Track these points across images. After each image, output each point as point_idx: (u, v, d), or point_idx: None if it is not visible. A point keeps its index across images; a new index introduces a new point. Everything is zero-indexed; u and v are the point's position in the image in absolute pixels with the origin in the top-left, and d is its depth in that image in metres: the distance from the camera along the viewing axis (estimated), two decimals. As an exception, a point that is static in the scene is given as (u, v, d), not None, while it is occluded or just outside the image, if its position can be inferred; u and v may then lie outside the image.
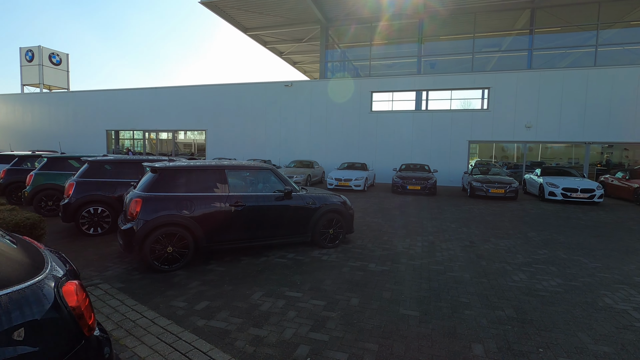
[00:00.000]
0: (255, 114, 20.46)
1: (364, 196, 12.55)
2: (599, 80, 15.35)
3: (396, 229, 7.15)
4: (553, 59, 17.49)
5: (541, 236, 6.83)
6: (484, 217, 8.76)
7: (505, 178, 12.95)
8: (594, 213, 9.92)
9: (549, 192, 12.05)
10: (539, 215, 9.38)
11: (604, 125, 15.40)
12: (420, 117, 17.86)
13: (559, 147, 17.13)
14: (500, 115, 16.70)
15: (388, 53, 20.81)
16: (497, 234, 6.90)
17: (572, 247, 6.12)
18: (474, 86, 17.12)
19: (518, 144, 17.06)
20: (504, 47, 18.67)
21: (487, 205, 10.94)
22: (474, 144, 18.89)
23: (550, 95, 16.01)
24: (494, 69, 18.80)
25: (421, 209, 10.00)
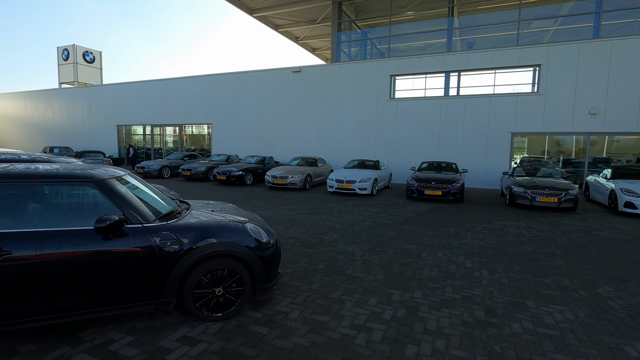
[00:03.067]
0: (262, 105, 18.35)
1: (367, 203, 9.90)
2: (699, 48, 11.30)
3: (370, 270, 4.56)
4: (631, 28, 13.44)
5: (626, 295, 3.91)
6: (523, 246, 5.83)
7: (560, 182, 9.65)
8: (703, 239, 6.54)
9: (626, 203, 8.64)
10: (612, 242, 6.24)
11: None
12: (450, 105, 14.67)
13: (628, 139, 13.13)
14: (555, 100, 13.08)
15: (413, 29, 17.64)
16: (539, 288, 4.08)
17: (695, 332, 3.18)
18: (521, 64, 13.60)
19: (578, 135, 13.32)
20: (562, 12, 14.79)
21: (532, 221, 7.86)
22: (520, 137, 15.33)
23: (625, 73, 12.16)
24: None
25: (432, 227, 7.21)
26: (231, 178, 13.43)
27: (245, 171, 13.68)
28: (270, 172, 12.82)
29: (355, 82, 16.26)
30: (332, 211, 8.58)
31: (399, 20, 17.38)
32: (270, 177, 12.64)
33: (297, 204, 9.49)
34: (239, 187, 13.14)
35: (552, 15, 14.65)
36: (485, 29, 15.87)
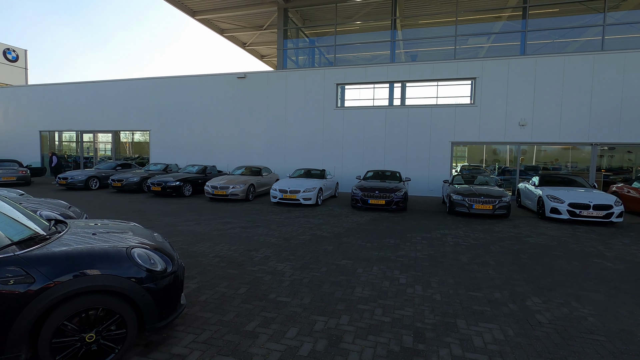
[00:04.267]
0: (205, 112, 17.39)
1: (310, 214, 9.52)
2: (608, 67, 12.54)
3: (297, 292, 4.12)
4: (551, 47, 14.68)
5: (552, 306, 3.85)
6: (458, 257, 5.75)
7: (494, 189, 10.01)
8: (618, 242, 6.99)
9: (552, 209, 9.13)
10: (541, 248, 6.41)
11: (614, 124, 12.58)
12: (394, 114, 14.92)
13: (553, 149, 14.25)
14: (489, 112, 13.81)
15: (359, 40, 17.87)
16: (471, 303, 3.90)
17: (627, 350, 3.13)
18: (458, 76, 14.22)
19: (511, 145, 14.16)
20: (494, 30, 15.83)
21: (469, 229, 7.96)
22: (460, 146, 16.00)
23: (548, 87, 13.16)
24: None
25: (372, 238, 6.97)
26: (167, 189, 12.38)
27: (183, 181, 12.71)
28: (210, 183, 12.00)
29: (302, 90, 16.00)
30: (271, 224, 8.06)
31: (345, 30, 17.53)
32: (210, 187, 11.83)
33: (235, 217, 8.84)
34: (176, 198, 12.14)
35: (485, 32, 15.60)
36: (427, 42, 16.50)
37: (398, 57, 16.29)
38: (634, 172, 14.40)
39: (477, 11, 15.39)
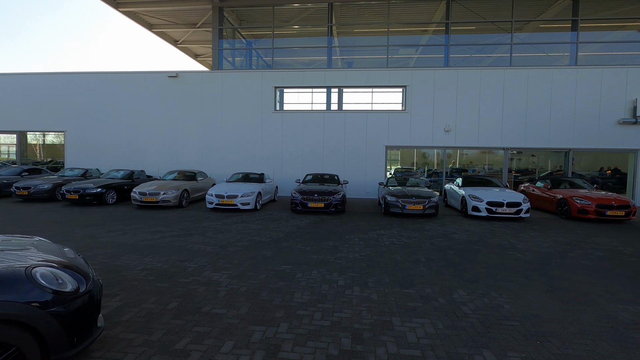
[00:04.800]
0: (132, 112, 16.03)
1: (249, 219, 9.25)
2: (515, 81, 14.23)
3: (234, 302, 3.95)
4: (470, 61, 16.24)
5: (475, 297, 4.19)
6: (393, 256, 6.02)
7: (424, 190, 10.72)
8: (526, 235, 7.90)
9: (473, 207, 10.04)
10: (465, 244, 6.98)
11: (521, 130, 14.30)
12: (332, 118, 15.24)
13: (473, 152, 15.81)
14: (419, 118, 14.80)
15: (297, 44, 17.97)
16: (405, 300, 4.08)
17: (536, 332, 3.49)
18: (390, 84, 15.03)
19: (438, 149, 15.33)
20: (422, 42, 17.05)
21: (403, 229, 8.40)
22: (393, 150, 16.88)
23: (468, 97, 14.52)
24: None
25: (312, 242, 6.99)
26: (87, 197, 11.13)
27: (106, 188, 11.54)
28: (138, 189, 11.07)
29: (239, 92, 15.58)
30: (207, 231, 7.66)
31: (283, 34, 17.50)
32: (138, 194, 10.90)
33: (166, 225, 8.24)
34: (98, 207, 10.96)
35: (413, 44, 16.72)
36: (362, 50, 17.17)
37: (335, 63, 16.70)
38: (537, 173, 16.51)
39: (406, 24, 16.43)
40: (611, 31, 14.93)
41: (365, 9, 15.94)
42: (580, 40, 14.35)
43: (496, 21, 14.98)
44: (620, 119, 13.62)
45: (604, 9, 14.39)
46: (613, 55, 14.85)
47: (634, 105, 13.51)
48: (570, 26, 14.47)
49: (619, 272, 5.33)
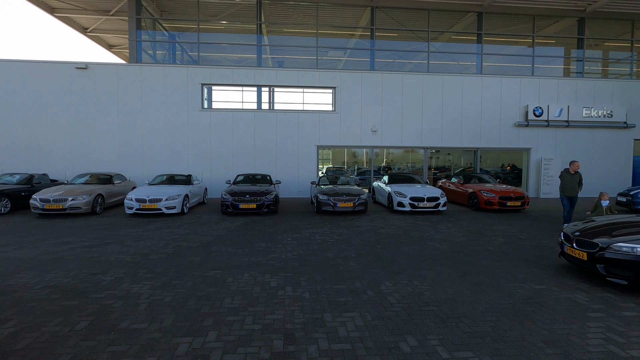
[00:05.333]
0: (31, 107, 13.92)
1: (175, 224, 8.68)
2: (432, 86, 15.54)
3: (157, 315, 3.67)
4: (393, 66, 17.31)
5: (400, 287, 4.47)
6: (325, 253, 6.15)
7: (354, 188, 11.16)
8: (444, 226, 8.69)
9: (398, 203, 10.73)
10: (391, 238, 7.42)
11: (437, 131, 15.66)
12: (263, 118, 15.03)
13: (398, 151, 16.97)
14: (348, 118, 15.34)
15: (225, 40, 17.35)
16: (336, 296, 4.19)
17: (452, 314, 3.82)
18: (320, 85, 15.33)
19: (366, 148, 16.08)
20: (349, 46, 17.68)
21: (334, 226, 8.63)
22: (325, 149, 17.26)
23: (392, 99, 15.47)
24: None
25: (244, 244, 6.81)
26: (-31, 206, 9.39)
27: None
28: (40, 195, 9.68)
29: (162, 88, 14.51)
30: (126, 239, 7.00)
31: (209, 29, 16.73)
32: (39, 201, 9.53)
33: (77, 235, 7.32)
34: (-16, 218, 9.31)
35: (342, 47, 17.26)
36: (292, 50, 17.19)
37: (265, 61, 16.48)
38: (452, 170, 18.29)
39: (334, 27, 16.89)
40: (507, 45, 17.14)
41: (295, 10, 16.01)
42: (484, 52, 16.22)
43: (415, 30, 16.18)
44: (516, 122, 15.72)
45: (501, 26, 16.46)
46: (510, 67, 17.07)
47: (525, 110, 15.70)
48: (476, 39, 16.27)
49: (517, 255, 6.15)
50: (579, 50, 16.46)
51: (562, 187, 8.63)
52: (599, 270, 4.51)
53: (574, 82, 15.99)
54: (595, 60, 16.94)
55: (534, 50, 16.21)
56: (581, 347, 3.07)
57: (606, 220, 5.28)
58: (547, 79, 15.91)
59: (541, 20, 16.13)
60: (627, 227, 4.76)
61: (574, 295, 4.28)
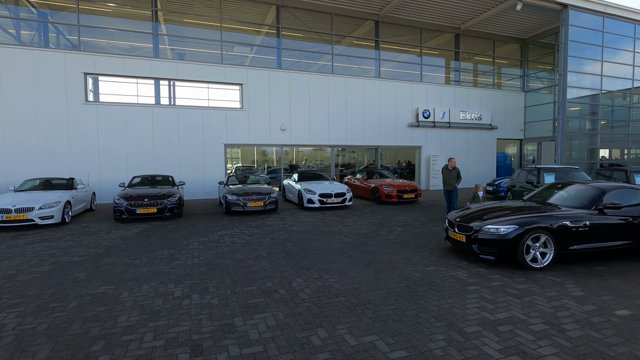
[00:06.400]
0: None
1: (53, 237, 7.38)
2: (337, 87, 16.31)
3: (27, 348, 3.08)
4: (300, 66, 17.62)
5: (310, 282, 4.58)
6: (235, 255, 5.96)
7: (264, 187, 11.05)
8: (350, 220, 9.22)
9: (308, 200, 10.99)
10: (301, 234, 7.56)
11: (342, 130, 16.51)
12: (163, 114, 13.80)
13: (307, 149, 17.43)
14: (256, 116, 15.10)
15: (113, 25, 15.37)
16: (247, 298, 4.10)
17: (358, 303, 4.04)
18: (226, 81, 14.75)
19: (275, 147, 16.07)
20: (256, 42, 17.38)
21: (244, 227, 8.42)
22: (233, 148, 16.69)
23: (300, 99, 15.76)
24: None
25: (142, 253, 6.17)
26: None
27: None
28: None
29: (31, 76, 12.18)
30: (-18, 259, 5.69)
31: (94, 11, 14.61)
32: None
33: None
34: None
35: (248, 43, 16.85)
36: (194, 43, 16.13)
37: (163, 52, 15.12)
38: (357, 167, 19.51)
39: (240, 22, 16.41)
40: (401, 53, 18.98)
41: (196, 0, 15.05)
42: (382, 58, 17.66)
43: (319, 32, 16.74)
44: (409, 123, 17.53)
45: (396, 35, 18.14)
46: (403, 73, 18.94)
47: (416, 112, 17.62)
48: (374, 45, 17.61)
49: (412, 242, 6.87)
50: (456, 62, 19.13)
51: (442, 182, 9.94)
52: (474, 249, 5.32)
53: (453, 89, 18.55)
54: (468, 71, 19.90)
55: (421, 60, 18.26)
56: (462, 316, 3.58)
57: (480, 207, 6.26)
58: (432, 85, 18.12)
59: (426, 33, 18.25)
60: (494, 212, 5.71)
61: (456, 273, 4.97)
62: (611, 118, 18.00)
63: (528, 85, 20.19)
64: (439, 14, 16.87)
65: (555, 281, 4.61)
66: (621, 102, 18.29)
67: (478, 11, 16.67)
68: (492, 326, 3.37)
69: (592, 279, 4.68)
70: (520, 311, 3.70)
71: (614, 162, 17.77)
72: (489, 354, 2.88)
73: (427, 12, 16.68)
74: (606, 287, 4.38)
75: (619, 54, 17.46)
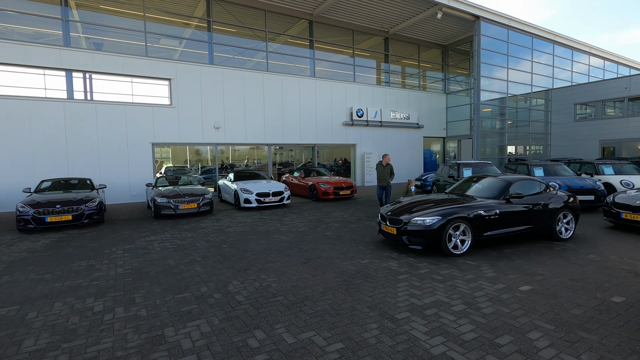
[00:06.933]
0: None
1: None
2: (273, 85, 16.15)
3: None
4: (234, 62, 17.08)
5: (248, 284, 4.49)
6: (166, 261, 5.60)
7: (198, 188, 10.53)
8: (288, 218, 9.22)
9: (245, 200, 10.74)
10: (238, 235, 7.37)
11: (279, 129, 16.44)
12: (78, 110, 12.37)
13: (244, 148, 17.06)
14: (187, 114, 14.30)
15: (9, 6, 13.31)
16: (179, 306, 3.88)
17: (296, 300, 4.05)
18: (153, 75, 13.71)
19: (210, 146, 15.40)
20: (185, 35, 16.40)
21: (176, 230, 7.94)
22: (163, 147, 15.62)
23: (234, 96, 15.30)
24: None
25: (54, 265, 5.49)
26: None
27: None
28: None
29: None
30: None
31: (-18, -13, 12.50)
32: None
33: None
34: None
35: (176, 36, 15.85)
36: (115, 33, 14.72)
37: (76, 41, 13.52)
38: (295, 165, 19.57)
39: (166, 12, 15.37)
40: (335, 54, 19.44)
41: (113, -16, 13.71)
42: (316, 57, 17.90)
43: (253, 28, 16.40)
44: (344, 121, 18.06)
45: (330, 36, 18.52)
46: (338, 73, 19.43)
47: (350, 111, 18.22)
48: (309, 45, 17.78)
49: (348, 237, 7.10)
50: (385, 64, 20.17)
51: (377, 178, 10.38)
52: (404, 240, 5.68)
53: (384, 90, 19.54)
54: (397, 73, 21.12)
55: (354, 61, 18.91)
56: (394, 305, 3.80)
57: (409, 200, 6.69)
58: (365, 85, 18.88)
59: (358, 35, 18.94)
60: (421, 205, 6.15)
61: (388, 264, 5.26)
62: (516, 119, 20.51)
63: (449, 87, 22.07)
64: (369, 17, 17.62)
65: (472, 265, 5.12)
66: (523, 105, 20.93)
67: (404, 17, 17.75)
68: (419, 311, 3.63)
69: (501, 261, 5.30)
70: (443, 295, 4.05)
71: (518, 157, 20.27)
72: (417, 337, 3.11)
73: (358, 14, 17.31)
74: (513, 267, 5.00)
75: (521, 62, 19.96)
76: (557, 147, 21.49)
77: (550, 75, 21.70)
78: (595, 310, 3.58)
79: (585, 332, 3.15)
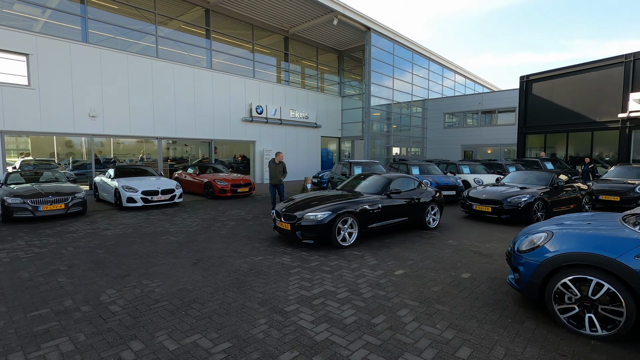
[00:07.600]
0: None
1: None
2: (164, 73, 14.80)
3: None
4: (116, 43, 14.99)
5: (126, 292, 4.03)
6: (17, 274, 4.64)
7: (66, 186, 9.00)
8: (179, 218, 8.61)
9: (128, 199, 9.62)
10: (118, 239, 6.56)
11: (171, 121, 15.18)
12: None
13: (130, 142, 15.27)
14: (53, 97, 12.06)
15: None
16: (32, 326, 3.27)
17: (182, 304, 3.80)
18: (3, 47, 11.13)
19: (84, 137, 13.28)
20: (49, 4, 13.68)
21: (35, 237, 6.64)
22: (19, 137, 12.83)
23: (116, 82, 13.50)
24: (36, 32, 13.25)
25: None
26: None
27: None
28: None
29: None
30: None
31: None
32: None
33: None
34: None
35: (37, 3, 13.16)
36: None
37: None
38: (190, 161, 18.32)
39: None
40: (234, 47, 18.83)
41: None
42: (213, 48, 17.05)
43: (139, 8, 14.73)
44: (243, 117, 17.67)
45: (228, 28, 17.84)
46: (237, 67, 18.86)
47: (250, 107, 17.93)
48: (205, 34, 16.83)
49: (244, 234, 7.00)
50: (285, 63, 20.42)
51: (269, 176, 10.06)
52: (298, 235, 5.87)
53: (284, 89, 19.76)
54: (297, 73, 21.60)
55: (254, 56, 18.64)
56: (284, 298, 3.90)
57: (304, 197, 6.92)
58: (265, 82, 18.79)
59: (258, 31, 18.73)
60: (315, 201, 6.43)
61: (282, 259, 5.36)
62: (400, 123, 23.09)
63: (344, 91, 23.55)
64: (269, 14, 17.57)
65: (357, 255, 5.60)
66: (405, 112, 23.69)
67: (303, 19, 18.23)
68: (308, 302, 3.81)
69: (382, 250, 5.92)
70: (331, 284, 4.33)
71: (402, 158, 22.88)
72: (304, 326, 3.26)
73: (257, 9, 17.11)
74: (391, 255, 5.63)
75: (404, 73, 22.53)
76: (431, 150, 24.96)
77: (426, 87, 25.05)
78: (450, 285, 4.30)
79: (441, 304, 3.75)
